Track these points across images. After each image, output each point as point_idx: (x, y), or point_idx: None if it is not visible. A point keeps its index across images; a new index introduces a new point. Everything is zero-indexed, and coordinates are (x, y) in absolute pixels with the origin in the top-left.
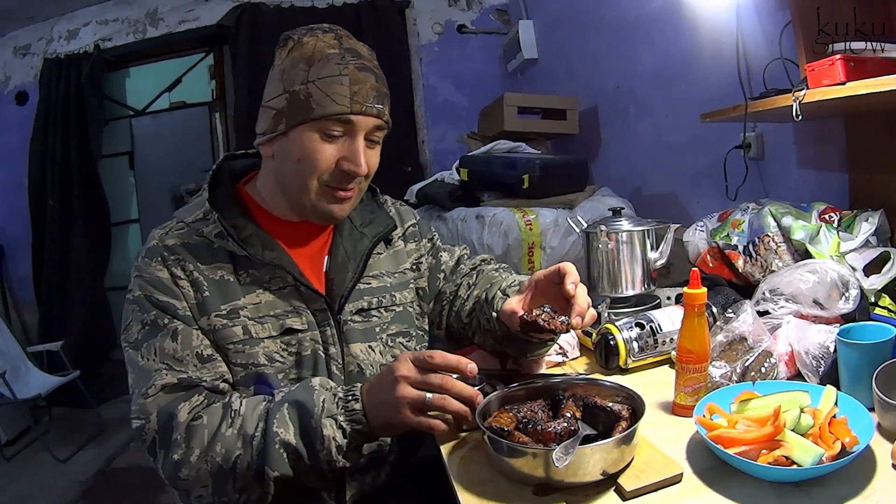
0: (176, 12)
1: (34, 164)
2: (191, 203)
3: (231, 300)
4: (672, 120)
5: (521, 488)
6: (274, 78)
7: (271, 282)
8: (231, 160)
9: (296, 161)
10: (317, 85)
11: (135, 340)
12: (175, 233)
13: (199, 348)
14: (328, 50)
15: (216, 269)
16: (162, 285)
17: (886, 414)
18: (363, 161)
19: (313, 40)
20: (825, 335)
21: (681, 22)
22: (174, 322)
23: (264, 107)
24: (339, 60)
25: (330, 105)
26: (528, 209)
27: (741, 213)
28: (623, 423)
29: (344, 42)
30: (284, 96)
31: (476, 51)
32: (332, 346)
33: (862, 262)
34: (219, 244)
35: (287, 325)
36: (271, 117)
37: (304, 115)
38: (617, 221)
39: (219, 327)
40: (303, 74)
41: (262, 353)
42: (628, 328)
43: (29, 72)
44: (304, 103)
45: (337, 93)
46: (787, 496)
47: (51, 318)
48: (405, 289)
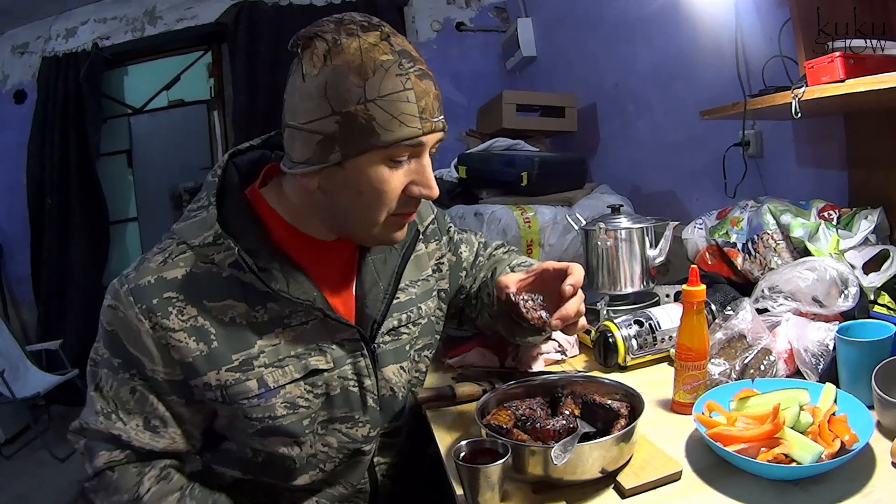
0: (174, 10)
1: (32, 162)
2: (193, 216)
3: (244, 348)
4: (671, 117)
5: (520, 486)
6: (311, 93)
7: (292, 316)
8: (235, 156)
9: (357, 195)
10: (378, 105)
11: (99, 358)
12: (177, 260)
13: (149, 416)
14: (381, 56)
15: (226, 309)
16: (134, 337)
17: (886, 412)
18: (434, 183)
19: (355, 42)
20: (824, 333)
21: (680, 20)
22: (135, 380)
23: (302, 130)
24: (399, 70)
25: (399, 129)
26: (527, 207)
27: (740, 211)
28: (622, 420)
29: (394, 43)
30: (334, 119)
31: (475, 48)
32: (367, 377)
33: (861, 259)
34: (230, 273)
35: (311, 367)
36: (316, 144)
37: (367, 142)
38: (616, 219)
39: (230, 383)
40: (357, 91)
41: (282, 402)
42: (627, 326)
43: (27, 70)
44: (365, 128)
45: (405, 112)
46: (787, 494)
47: (49, 317)
48: (429, 297)
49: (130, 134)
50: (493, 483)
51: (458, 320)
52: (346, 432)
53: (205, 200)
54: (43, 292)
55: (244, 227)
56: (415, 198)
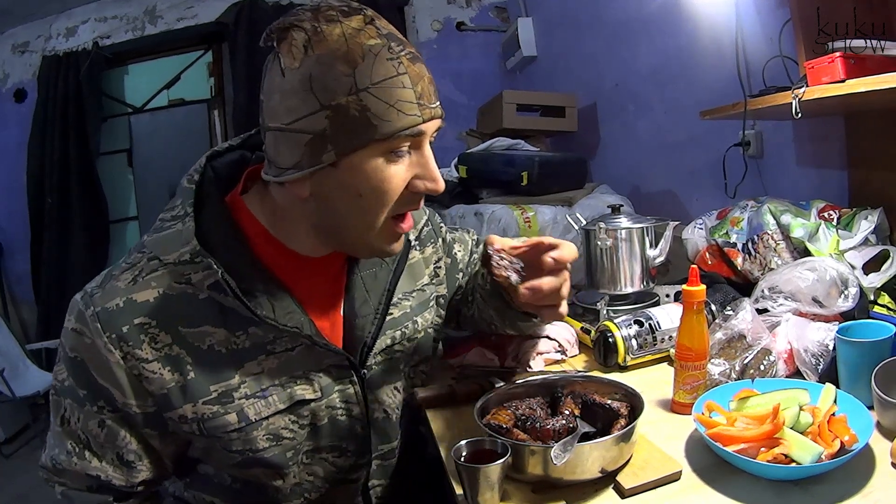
0: (174, 10)
1: (33, 161)
2: (168, 227)
3: (223, 379)
4: (671, 117)
5: (520, 486)
6: (294, 89)
7: (276, 342)
8: (214, 159)
9: (355, 197)
10: (372, 93)
11: (61, 386)
12: (149, 279)
13: (122, 450)
14: (368, 41)
15: (204, 336)
16: (102, 367)
17: (885, 412)
18: (439, 175)
19: (338, 28)
20: (824, 333)
21: (680, 20)
22: (104, 413)
23: (286, 131)
24: (390, 54)
25: (398, 118)
26: (527, 206)
27: (740, 211)
28: (622, 420)
29: (379, 26)
30: (324, 114)
31: (475, 48)
32: (356, 405)
33: (861, 259)
34: (208, 295)
35: (297, 397)
36: (304, 145)
37: (363, 136)
38: (616, 219)
39: (208, 416)
40: (347, 81)
41: (264, 434)
42: (627, 326)
43: (27, 69)
44: (359, 121)
45: (402, 99)
46: (786, 494)
47: (49, 316)
48: (426, 309)
49: (131, 133)
50: (493, 483)
51: (456, 322)
52: (332, 461)
53: (180, 209)
54: (43, 291)
55: (224, 242)
56: (418, 194)
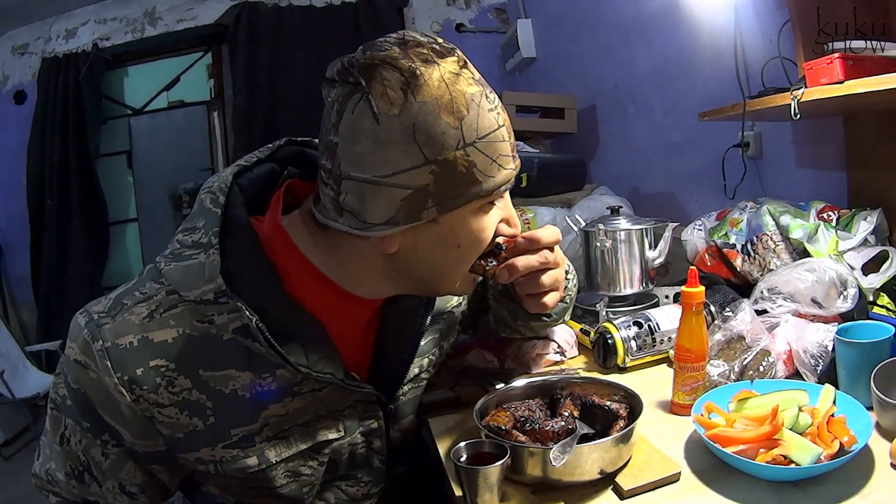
0: (174, 11)
1: (32, 163)
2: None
3: (245, 424)
4: (670, 119)
5: (519, 487)
6: (392, 139)
7: (303, 383)
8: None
9: (454, 248)
10: (479, 148)
11: (61, 405)
12: (167, 317)
13: (125, 482)
14: (468, 89)
15: (227, 380)
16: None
17: (885, 413)
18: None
19: (437, 72)
20: (823, 334)
21: (679, 21)
22: (108, 447)
23: (381, 185)
24: (489, 105)
25: (499, 172)
26: (526, 208)
27: (739, 212)
28: (621, 421)
29: (472, 70)
30: (429, 168)
31: (474, 49)
32: (378, 438)
33: (860, 260)
34: (232, 338)
35: (319, 438)
36: (401, 200)
37: (468, 193)
38: (615, 220)
39: (227, 459)
40: (455, 134)
41: (283, 472)
42: (626, 327)
43: (27, 71)
44: (465, 177)
45: (502, 153)
46: (786, 495)
47: (49, 318)
48: (451, 332)
49: (130, 135)
50: (492, 484)
51: (473, 329)
52: (345, 489)
53: (203, 235)
54: (43, 293)
55: (255, 279)
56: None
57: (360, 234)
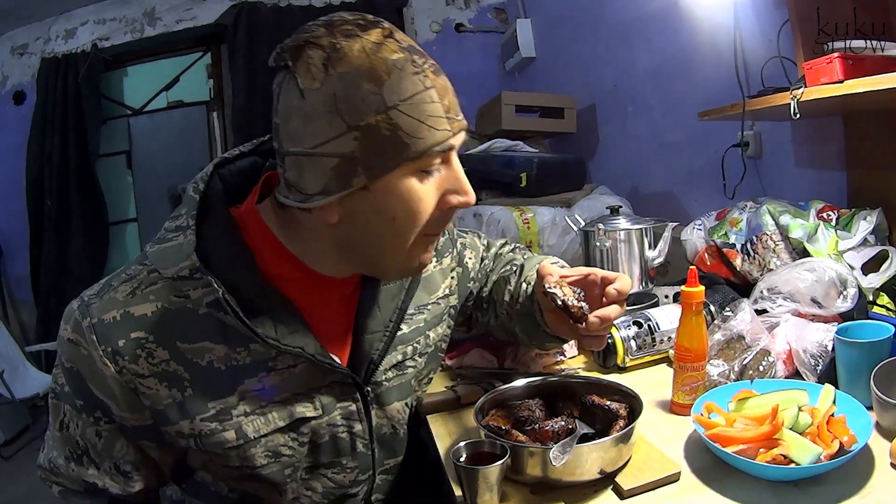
0: (173, 11)
1: (32, 163)
2: (169, 238)
3: (221, 397)
4: (670, 118)
5: (519, 487)
6: (317, 110)
7: (278, 359)
8: (223, 167)
9: (390, 220)
10: (402, 110)
11: (59, 391)
12: (147, 292)
13: (119, 461)
14: (392, 55)
15: (203, 352)
16: (99, 380)
17: (885, 412)
18: (469, 186)
19: (357, 44)
20: (823, 334)
21: (678, 21)
22: (101, 424)
23: (310, 156)
24: (415, 68)
25: (430, 134)
26: (526, 208)
27: (739, 212)
28: (621, 421)
29: (399, 39)
30: (352, 135)
31: (474, 49)
32: (358, 422)
33: (860, 260)
34: (207, 312)
35: (297, 415)
36: (331, 169)
37: (396, 156)
38: (615, 220)
39: (206, 432)
40: (374, 99)
41: (263, 451)
42: (626, 327)
43: (26, 71)
44: (390, 140)
45: (432, 115)
46: (785, 495)
47: (49, 318)
48: (439, 323)
49: (130, 135)
50: (492, 484)
51: (467, 326)
52: (331, 477)
53: (183, 220)
54: (42, 293)
55: (228, 259)
56: (450, 210)
57: (303, 207)
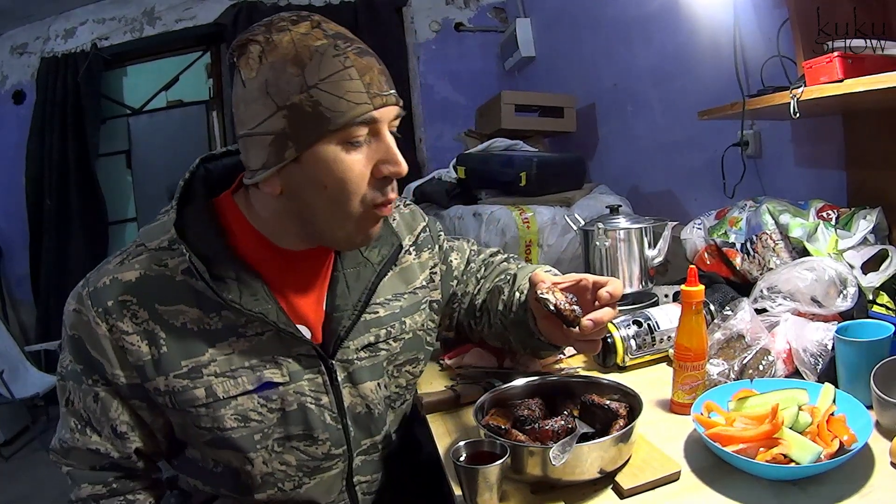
0: (173, 11)
1: (31, 163)
2: (157, 219)
3: (193, 356)
4: (669, 118)
5: (519, 487)
6: (254, 96)
7: (248, 326)
8: (209, 162)
9: (321, 189)
10: (321, 88)
11: (65, 371)
12: (133, 262)
13: (115, 422)
14: (315, 42)
15: (178, 314)
16: (94, 340)
17: (885, 412)
18: (401, 157)
19: (287, 36)
20: (823, 333)
21: (678, 20)
22: (97, 386)
23: (253, 136)
24: (335, 51)
25: (348, 108)
26: (526, 207)
27: (739, 211)
28: (620, 421)
29: (325, 28)
30: (281, 114)
31: (473, 49)
32: (325, 394)
33: (860, 259)
34: (183, 279)
35: (265, 380)
36: (268, 145)
37: (318, 130)
38: (614, 219)
39: (178, 389)
40: (297, 80)
41: (232, 414)
42: (626, 326)
43: (26, 71)
44: (313, 116)
45: (351, 91)
46: (785, 494)
47: (48, 318)
48: (416, 311)
49: (129, 134)
50: (492, 484)
51: (456, 332)
52: (304, 450)
53: (170, 205)
54: (42, 293)
55: (202, 234)
56: (386, 179)
57: (252, 182)
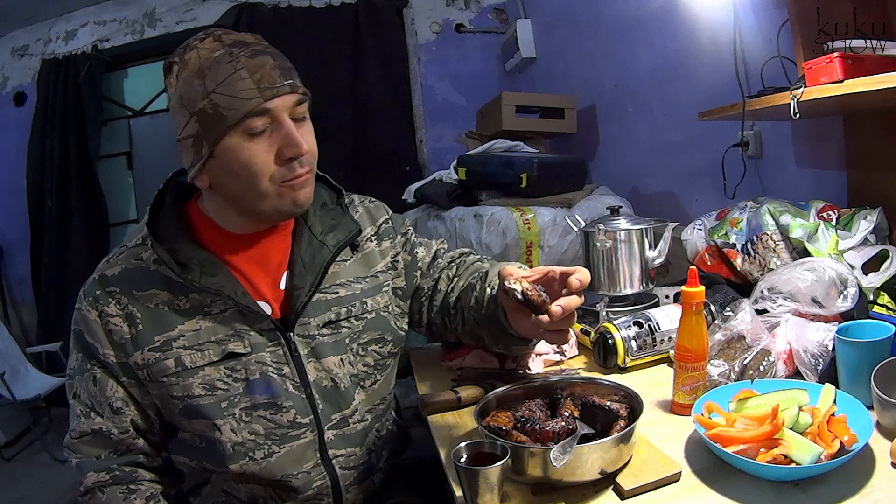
0: (174, 12)
1: (32, 165)
2: (138, 225)
3: (165, 331)
4: (670, 118)
5: (520, 487)
6: (175, 108)
7: (213, 305)
8: (181, 175)
9: (235, 175)
10: (219, 92)
11: (72, 370)
12: (116, 259)
13: (112, 399)
14: (213, 54)
15: (152, 297)
16: (88, 327)
17: (885, 412)
18: (301, 139)
19: (195, 53)
20: (823, 333)
21: (678, 21)
22: (94, 369)
23: (181, 141)
24: (229, 58)
25: (241, 104)
26: (527, 208)
27: (739, 212)
28: (621, 421)
29: (225, 39)
30: (193, 119)
31: (474, 50)
32: (286, 364)
33: (860, 260)
34: (155, 269)
35: (228, 350)
36: (191, 147)
37: (221, 126)
38: (615, 220)
39: (152, 361)
40: (200, 90)
41: (199, 383)
42: (626, 327)
43: (27, 73)
44: (214, 116)
45: (241, 89)
46: (786, 495)
47: (49, 319)
48: (378, 293)
49: (130, 136)
50: (493, 484)
51: (430, 330)
52: (270, 418)
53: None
54: (43, 294)
55: (170, 232)
56: (290, 159)
57: (190, 180)
